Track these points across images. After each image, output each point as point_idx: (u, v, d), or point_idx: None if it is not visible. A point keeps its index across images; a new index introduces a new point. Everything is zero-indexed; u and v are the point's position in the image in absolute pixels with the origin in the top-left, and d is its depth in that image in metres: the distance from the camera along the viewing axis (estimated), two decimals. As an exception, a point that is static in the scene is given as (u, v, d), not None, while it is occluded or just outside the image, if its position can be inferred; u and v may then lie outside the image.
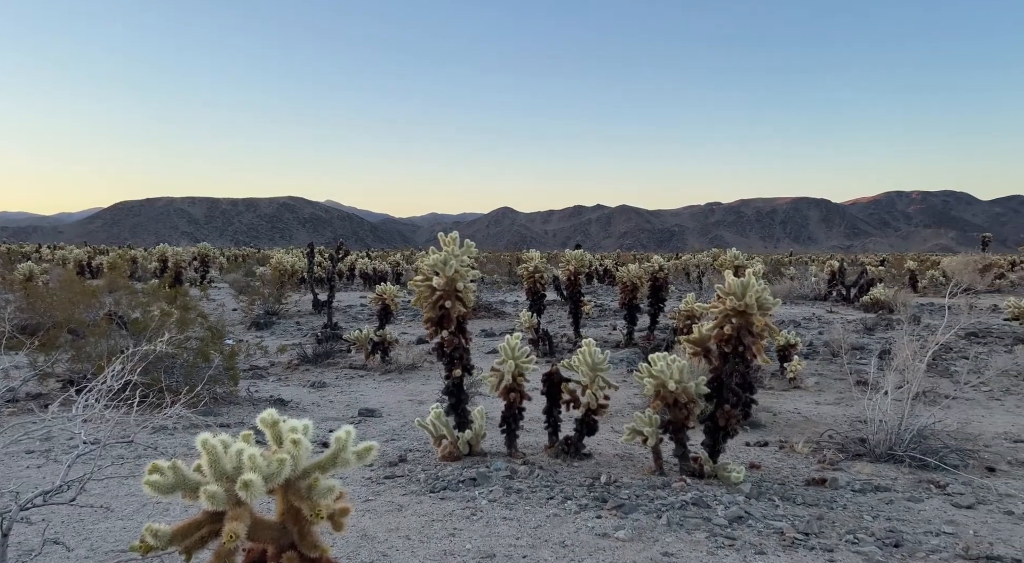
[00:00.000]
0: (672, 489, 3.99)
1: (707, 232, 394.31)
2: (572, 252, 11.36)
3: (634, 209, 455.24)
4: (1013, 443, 5.63)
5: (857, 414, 5.79)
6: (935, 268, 24.55)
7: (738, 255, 11.14)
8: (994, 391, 7.70)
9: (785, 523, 3.44)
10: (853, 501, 3.93)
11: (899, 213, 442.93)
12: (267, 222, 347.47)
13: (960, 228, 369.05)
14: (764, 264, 22.82)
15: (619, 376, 8.26)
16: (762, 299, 4.38)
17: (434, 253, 4.67)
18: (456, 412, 4.91)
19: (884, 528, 3.43)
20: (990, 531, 3.46)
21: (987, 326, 12.51)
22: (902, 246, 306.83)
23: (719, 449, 4.50)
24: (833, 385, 7.98)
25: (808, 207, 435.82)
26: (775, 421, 6.34)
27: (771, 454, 5.22)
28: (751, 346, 4.42)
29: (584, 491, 3.94)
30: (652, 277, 11.05)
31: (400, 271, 25.90)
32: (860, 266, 25.04)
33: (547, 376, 5.09)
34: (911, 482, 4.40)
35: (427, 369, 8.85)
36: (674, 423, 4.48)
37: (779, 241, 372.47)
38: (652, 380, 4.45)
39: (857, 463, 4.88)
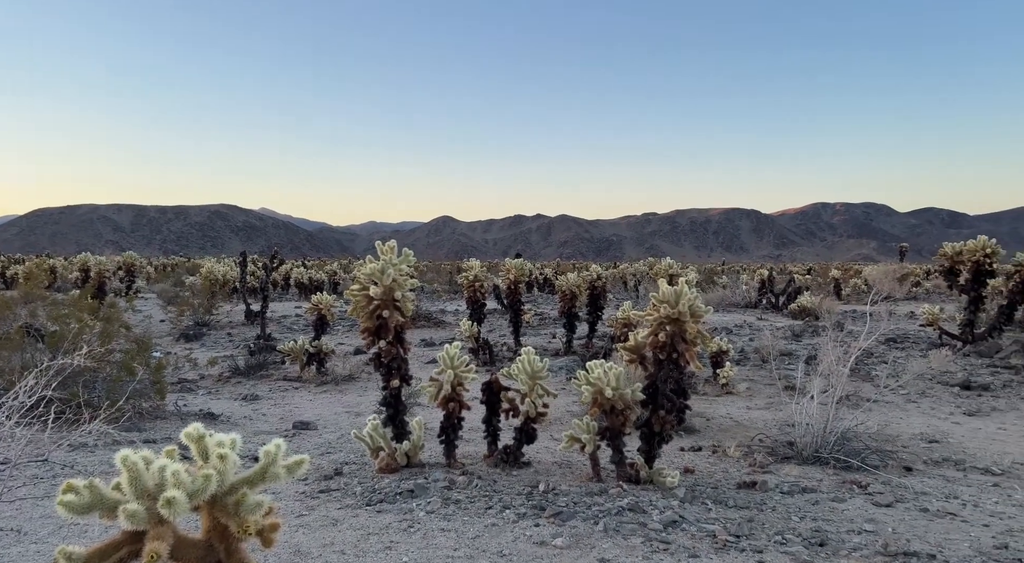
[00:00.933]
0: (609, 495, 4.04)
1: (644, 242, 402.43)
2: (512, 261, 11.41)
3: (573, 219, 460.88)
4: (928, 443, 5.92)
5: (786, 418, 5.99)
6: (857, 277, 25.71)
7: (672, 264, 11.41)
8: (911, 394, 8.10)
9: (718, 526, 3.52)
10: (782, 503, 4.06)
11: (824, 224, 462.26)
12: (198, 230, 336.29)
13: (880, 238, 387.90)
14: (698, 273, 23.45)
15: (558, 384, 8.33)
16: (694, 307, 4.49)
17: (372, 262, 4.61)
18: (394, 423, 4.84)
19: (810, 528, 3.55)
20: (907, 528, 3.63)
21: (905, 332, 13.17)
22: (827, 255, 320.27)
23: (655, 454, 4.58)
24: (763, 390, 8.24)
25: (740, 218, 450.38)
26: (708, 426, 6.50)
27: (705, 458, 5.34)
28: (684, 353, 4.52)
29: (523, 500, 3.94)
30: (590, 286, 11.20)
31: (337, 280, 25.47)
32: (788, 275, 26.00)
33: (487, 385, 5.09)
34: (835, 483, 4.57)
35: (365, 380, 8.71)
36: (611, 430, 4.54)
37: (712, 250, 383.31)
38: (590, 387, 4.50)
39: (786, 465, 5.05)
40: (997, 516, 3.94)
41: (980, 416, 7.14)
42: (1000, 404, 7.65)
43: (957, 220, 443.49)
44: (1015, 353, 10.38)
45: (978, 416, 7.14)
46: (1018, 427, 6.64)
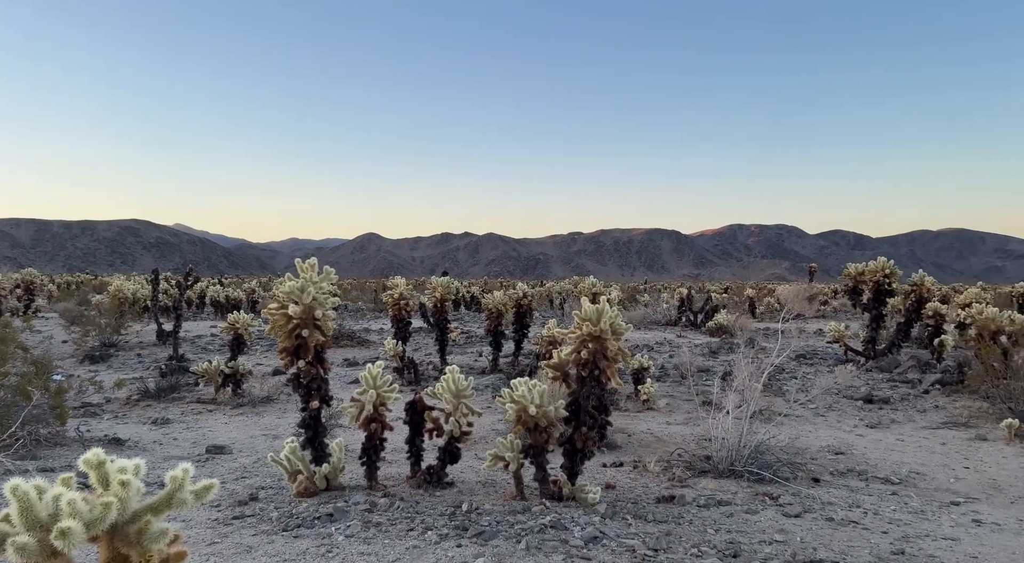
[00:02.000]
0: (532, 513, 4.05)
1: (570, 260, 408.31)
2: (439, 279, 11.37)
3: (501, 237, 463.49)
4: (834, 455, 6.22)
5: (703, 433, 6.17)
6: (770, 296, 26.87)
7: (596, 283, 11.63)
8: (819, 408, 8.50)
9: (637, 540, 3.59)
10: (699, 516, 4.17)
11: (740, 244, 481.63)
12: (106, 246, 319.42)
13: (792, 259, 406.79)
14: (621, 291, 23.98)
15: (484, 402, 8.31)
16: (615, 325, 4.59)
17: (291, 280, 4.51)
18: (313, 445, 4.72)
19: (725, 540, 3.67)
20: (814, 537, 3.79)
21: (814, 348, 13.83)
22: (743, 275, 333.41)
23: (577, 471, 4.63)
24: (682, 406, 8.46)
25: (661, 238, 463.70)
26: (630, 441, 6.62)
27: (626, 474, 5.43)
28: (606, 369, 4.60)
29: (445, 520, 3.91)
30: (516, 304, 11.27)
31: (256, 299, 24.67)
32: (706, 294, 26.92)
33: (410, 405, 5.03)
34: (749, 495, 4.74)
35: (283, 401, 8.46)
36: (535, 447, 4.57)
37: (635, 269, 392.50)
38: (514, 405, 4.52)
39: (703, 479, 5.20)
40: (895, 523, 4.17)
41: (881, 428, 7.56)
42: (899, 416, 8.12)
43: (861, 242, 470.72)
44: (912, 368, 11.06)
45: (879, 428, 7.55)
46: (914, 438, 7.07)
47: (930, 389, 9.52)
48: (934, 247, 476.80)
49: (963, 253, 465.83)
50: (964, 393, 8.91)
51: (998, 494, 5.19)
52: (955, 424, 7.66)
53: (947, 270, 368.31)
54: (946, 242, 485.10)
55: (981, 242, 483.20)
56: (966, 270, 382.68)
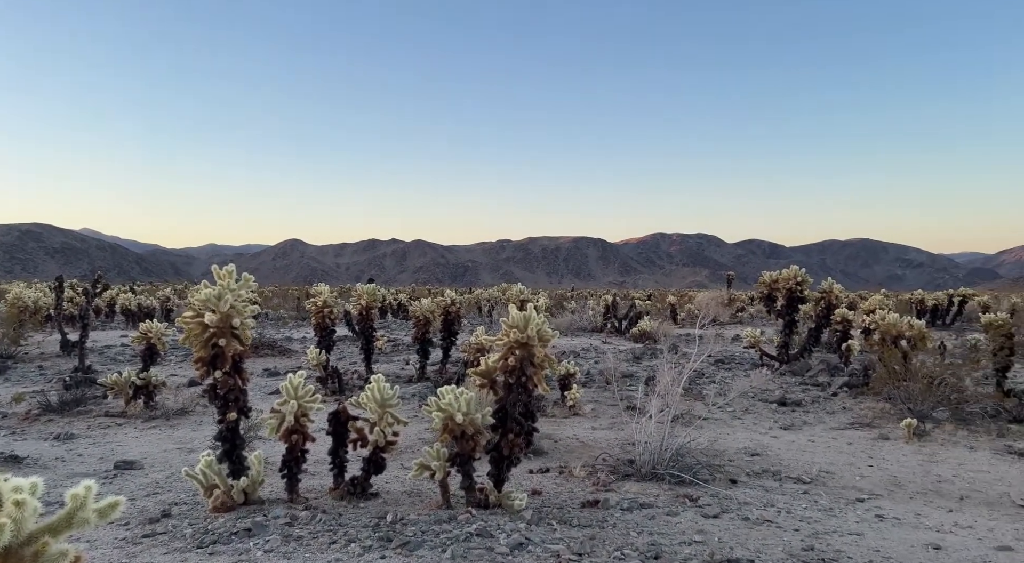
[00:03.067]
0: (458, 522, 4.03)
1: (499, 268, 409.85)
2: (364, 286, 11.18)
3: (429, 244, 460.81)
4: (751, 456, 6.46)
5: (627, 437, 6.29)
6: (691, 302, 27.72)
7: (523, 290, 11.72)
8: (736, 411, 8.81)
9: (562, 546, 3.62)
10: (622, 519, 4.25)
11: (663, 253, 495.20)
12: (4, 252, 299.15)
13: (711, 267, 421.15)
14: (549, 298, 24.23)
15: (411, 411, 8.23)
16: (542, 331, 4.63)
17: (207, 287, 4.34)
18: (231, 459, 4.55)
19: (647, 542, 3.75)
20: (731, 536, 3.92)
21: (731, 353, 14.34)
22: (666, 282, 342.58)
23: (504, 478, 4.63)
24: (607, 411, 8.61)
25: (588, 246, 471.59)
26: (556, 447, 6.68)
27: (552, 480, 5.48)
28: (533, 376, 4.64)
29: (369, 532, 3.83)
30: (445, 311, 11.21)
31: (171, 307, 23.64)
32: (630, 300, 27.53)
33: (333, 415, 4.92)
34: (670, 497, 4.86)
35: (200, 414, 8.12)
36: (461, 455, 4.55)
37: (563, 277, 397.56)
38: (440, 413, 4.49)
39: (626, 483, 5.30)
40: (806, 521, 4.36)
41: (794, 430, 7.90)
42: (810, 418, 8.51)
43: (776, 251, 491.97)
44: (822, 371, 11.63)
45: (792, 430, 7.89)
46: (824, 439, 7.42)
47: (838, 391, 10.02)
48: (842, 256, 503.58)
49: (868, 262, 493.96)
50: (869, 395, 9.42)
51: (898, 490, 5.50)
52: (861, 424, 8.08)
53: (854, 278, 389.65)
54: (853, 251, 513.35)
55: (884, 252, 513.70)
56: (871, 278, 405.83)
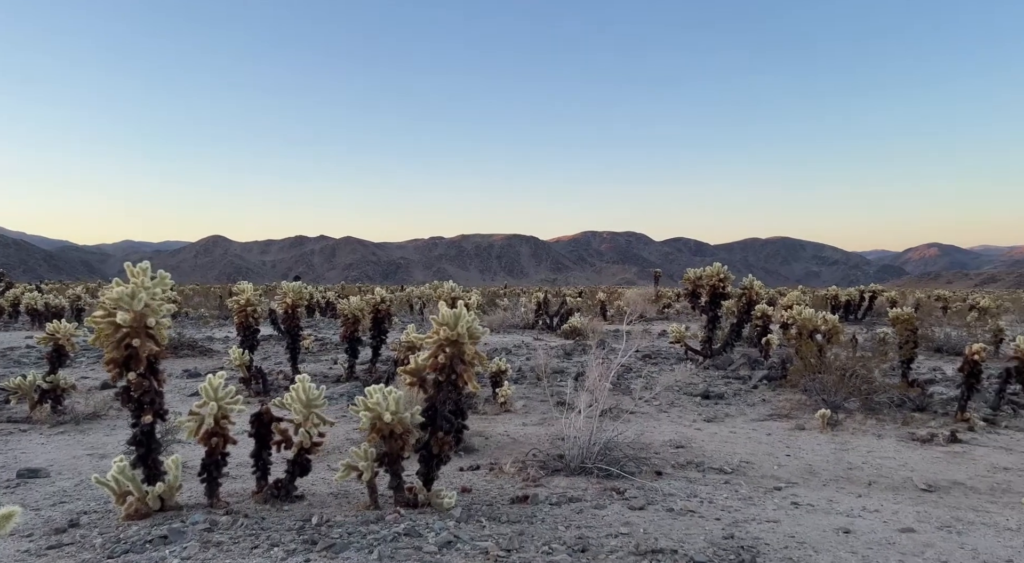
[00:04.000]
0: (386, 522, 3.97)
1: (431, 265, 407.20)
2: (290, 284, 10.89)
3: (359, 241, 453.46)
4: (676, 449, 6.63)
5: (557, 432, 6.35)
6: (620, 299, 28.25)
7: (455, 287, 11.66)
8: (662, 404, 9.03)
9: (491, 542, 3.62)
10: (550, 514, 4.28)
11: (594, 250, 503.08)
12: None
13: (640, 264, 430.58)
14: (481, 296, 24.23)
15: (339, 411, 8.08)
16: (472, 329, 4.62)
17: (119, 285, 4.13)
18: (146, 464, 4.34)
19: (574, 536, 3.79)
20: (656, 528, 4.01)
21: (658, 349, 14.69)
22: (596, 279, 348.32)
23: (433, 476, 4.60)
24: (538, 407, 8.68)
25: (520, 243, 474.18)
26: (487, 444, 6.68)
27: (482, 477, 5.48)
28: (463, 374, 4.62)
29: (293, 535, 3.73)
30: (374, 309, 11.04)
31: (82, 306, 22.41)
32: (562, 297, 27.84)
33: (256, 416, 4.78)
34: (598, 491, 4.93)
35: (113, 418, 7.74)
36: (390, 455, 4.49)
37: (495, 274, 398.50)
38: (368, 413, 4.42)
39: (556, 478, 5.35)
40: (727, 510, 4.51)
41: (717, 422, 8.15)
42: (732, 410, 8.80)
43: (701, 249, 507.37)
44: (743, 365, 12.05)
45: (715, 422, 8.15)
46: (745, 430, 7.69)
47: (758, 384, 10.41)
48: (763, 254, 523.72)
49: (788, 260, 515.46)
50: (787, 387, 9.83)
51: (813, 478, 5.76)
52: (779, 416, 8.41)
53: (774, 275, 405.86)
54: (773, 249, 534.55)
55: (802, 250, 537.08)
56: (790, 275, 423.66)
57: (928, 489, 5.45)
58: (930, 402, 8.67)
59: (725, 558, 3.47)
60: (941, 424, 7.82)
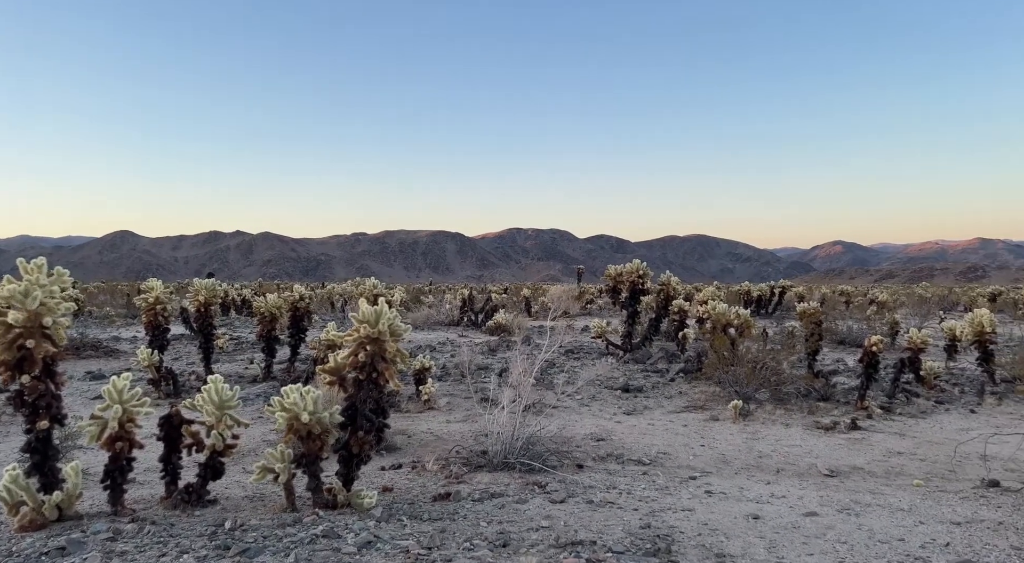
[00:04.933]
0: (303, 524, 3.88)
1: (354, 261, 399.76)
2: (203, 281, 10.47)
3: (278, 236, 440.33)
4: (596, 442, 6.76)
5: (480, 429, 6.37)
6: (544, 295, 28.55)
7: (377, 284, 11.50)
8: (584, 398, 9.19)
9: (411, 541, 3.59)
10: (472, 510, 4.29)
11: (519, 247, 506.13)
12: None
13: (564, 261, 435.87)
14: (406, 293, 23.99)
15: (255, 412, 7.85)
16: (394, 326, 4.57)
17: (11, 282, 3.86)
18: (42, 472, 4.08)
19: (496, 531, 3.81)
20: (576, 520, 4.08)
21: (580, 344, 14.92)
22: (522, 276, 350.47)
23: (353, 477, 4.52)
24: (462, 404, 8.67)
25: (446, 240, 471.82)
26: (410, 443, 6.63)
27: (404, 475, 5.43)
28: (384, 371, 4.56)
29: (205, 541, 3.59)
30: (293, 307, 10.75)
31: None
32: (487, 294, 27.89)
33: (165, 419, 4.57)
34: (520, 486, 4.97)
35: (6, 424, 7.23)
36: (308, 456, 4.39)
37: (421, 271, 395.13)
38: (284, 413, 4.30)
39: (478, 474, 5.36)
40: (644, 500, 4.63)
41: (636, 414, 8.36)
42: (650, 403, 9.05)
43: (623, 246, 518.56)
44: (661, 359, 12.40)
45: (634, 414, 8.36)
46: (663, 422, 7.92)
47: (675, 377, 10.74)
48: (681, 251, 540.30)
49: (704, 256, 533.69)
50: (702, 379, 10.18)
51: (726, 467, 5.99)
52: (695, 407, 8.71)
53: (691, 271, 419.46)
54: (690, 247, 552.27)
55: (718, 247, 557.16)
56: (706, 271, 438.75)
57: (830, 474, 5.76)
58: (833, 392, 9.16)
59: (642, 547, 3.56)
60: (843, 412, 8.28)
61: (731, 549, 3.60)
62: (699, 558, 3.46)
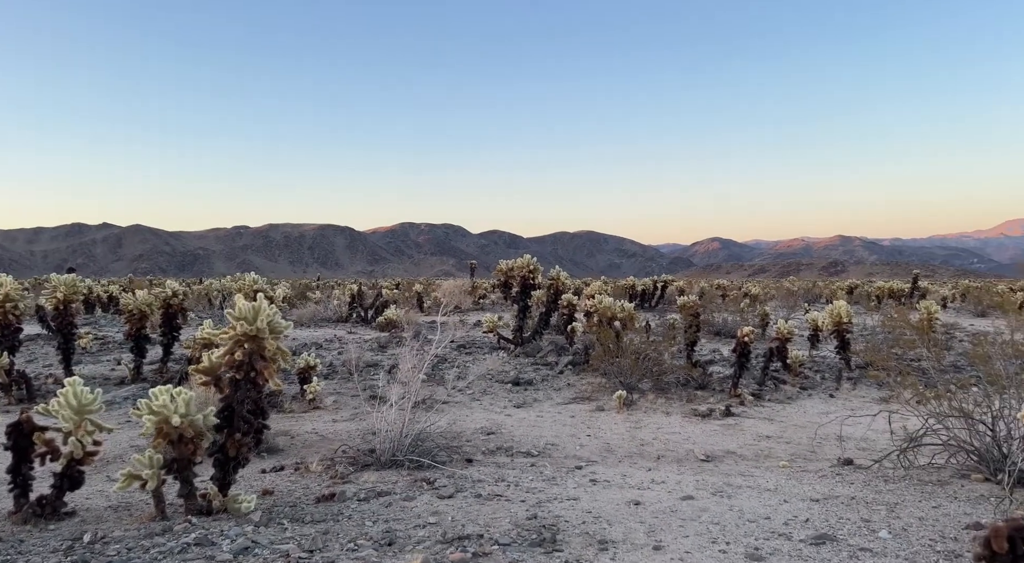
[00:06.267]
0: (174, 533, 3.64)
1: (235, 256, 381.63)
2: (62, 277, 9.64)
3: (150, 229, 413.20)
4: (486, 435, 6.80)
5: (368, 427, 6.24)
6: (436, 290, 28.40)
7: (257, 279, 11.01)
8: (475, 393, 9.22)
9: (292, 544, 3.46)
10: (358, 510, 4.19)
11: (412, 242, 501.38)
12: None
13: (458, 256, 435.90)
14: (291, 288, 23.15)
15: (122, 417, 7.35)
16: (274, 323, 4.39)
17: None
18: None
19: (382, 530, 3.74)
20: (464, 515, 4.08)
21: (472, 339, 14.95)
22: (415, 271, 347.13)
23: (230, 481, 4.31)
24: (350, 402, 8.47)
25: (334, 234, 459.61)
26: (293, 443, 6.40)
27: (287, 477, 5.23)
28: (263, 371, 4.37)
29: (60, 557, 3.30)
30: (165, 304, 10.10)
31: None
32: (378, 289, 27.40)
33: (13, 426, 4.18)
34: (408, 483, 4.91)
35: None
36: (179, 461, 4.13)
37: (308, 266, 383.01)
38: (153, 417, 4.03)
39: (365, 473, 5.25)
40: (532, 491, 4.70)
41: (525, 407, 8.48)
42: (540, 396, 9.21)
43: (516, 242, 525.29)
44: (551, 352, 12.64)
45: (524, 407, 8.47)
46: (551, 414, 8.08)
47: (564, 370, 10.98)
48: (571, 246, 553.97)
49: (593, 252, 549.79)
50: (589, 371, 10.46)
51: (610, 455, 6.19)
52: (582, 399, 8.94)
53: (581, 266, 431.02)
54: (580, 242, 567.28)
55: (606, 243, 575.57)
56: (595, 266, 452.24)
57: (706, 459, 6.08)
58: (710, 381, 9.68)
59: (528, 538, 3.60)
60: (719, 400, 8.76)
61: (613, 535, 3.72)
62: (582, 546, 3.54)
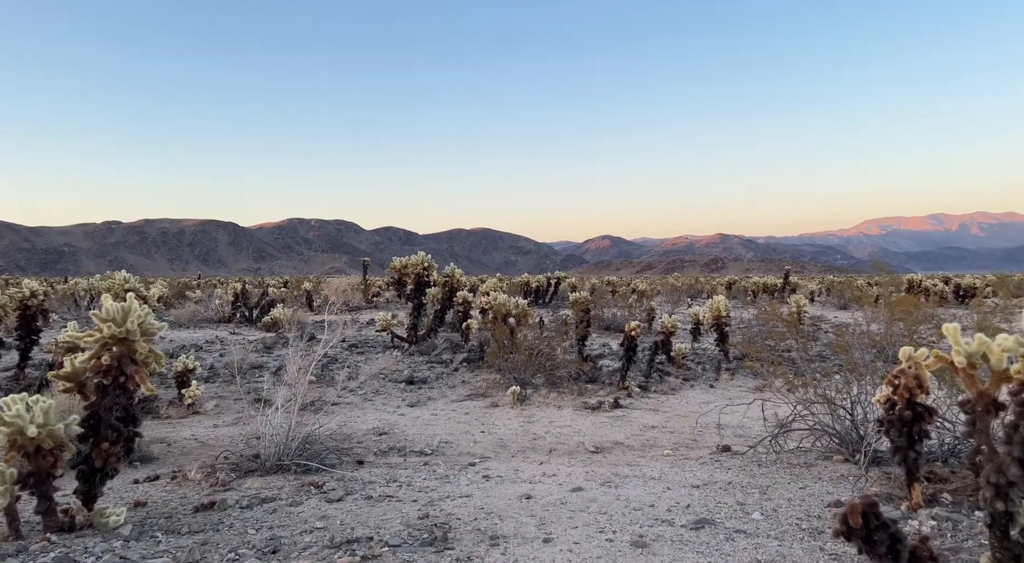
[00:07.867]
0: (29, 553, 3.34)
1: (107, 253, 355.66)
2: None
3: (7, 225, 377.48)
4: (379, 436, 6.67)
5: (253, 431, 5.97)
6: (327, 288, 27.63)
7: (129, 278, 10.27)
8: (368, 393, 9.03)
9: (166, 558, 3.25)
10: (240, 518, 3.99)
11: (301, 239, 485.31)
12: None
13: (351, 253, 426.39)
14: (168, 287, 21.80)
15: (-31, 430, 6.63)
16: (145, 324, 4.12)
17: None
18: None
19: (266, 538, 3.58)
20: (354, 517, 3.98)
21: (365, 338, 14.66)
22: (305, 269, 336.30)
23: (96, 494, 3.99)
24: (233, 406, 8.08)
25: (217, 230, 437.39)
26: (170, 451, 6.03)
27: (162, 487, 4.92)
28: (134, 375, 4.09)
29: None
30: (22, 305, 9.25)
31: None
32: (264, 288, 26.32)
33: None
34: (295, 488, 4.74)
35: None
36: (36, 474, 3.78)
37: (188, 263, 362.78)
38: (5, 428, 3.67)
39: (249, 479, 5.01)
40: (424, 491, 4.66)
41: (420, 406, 8.39)
42: (434, 394, 9.14)
43: (411, 238, 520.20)
44: (446, 350, 12.59)
45: (418, 406, 8.38)
46: (446, 412, 8.04)
47: (459, 367, 10.96)
48: (468, 243, 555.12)
49: (489, 249, 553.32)
50: (484, 368, 10.50)
51: (503, 451, 6.23)
52: (477, 395, 8.96)
53: (477, 263, 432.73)
54: (476, 240, 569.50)
55: (501, 240, 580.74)
56: (491, 263, 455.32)
57: (596, 451, 6.24)
58: (600, 374, 9.95)
59: (419, 538, 3.56)
60: (608, 393, 9.02)
61: (504, 530, 3.74)
62: (474, 542, 3.55)
